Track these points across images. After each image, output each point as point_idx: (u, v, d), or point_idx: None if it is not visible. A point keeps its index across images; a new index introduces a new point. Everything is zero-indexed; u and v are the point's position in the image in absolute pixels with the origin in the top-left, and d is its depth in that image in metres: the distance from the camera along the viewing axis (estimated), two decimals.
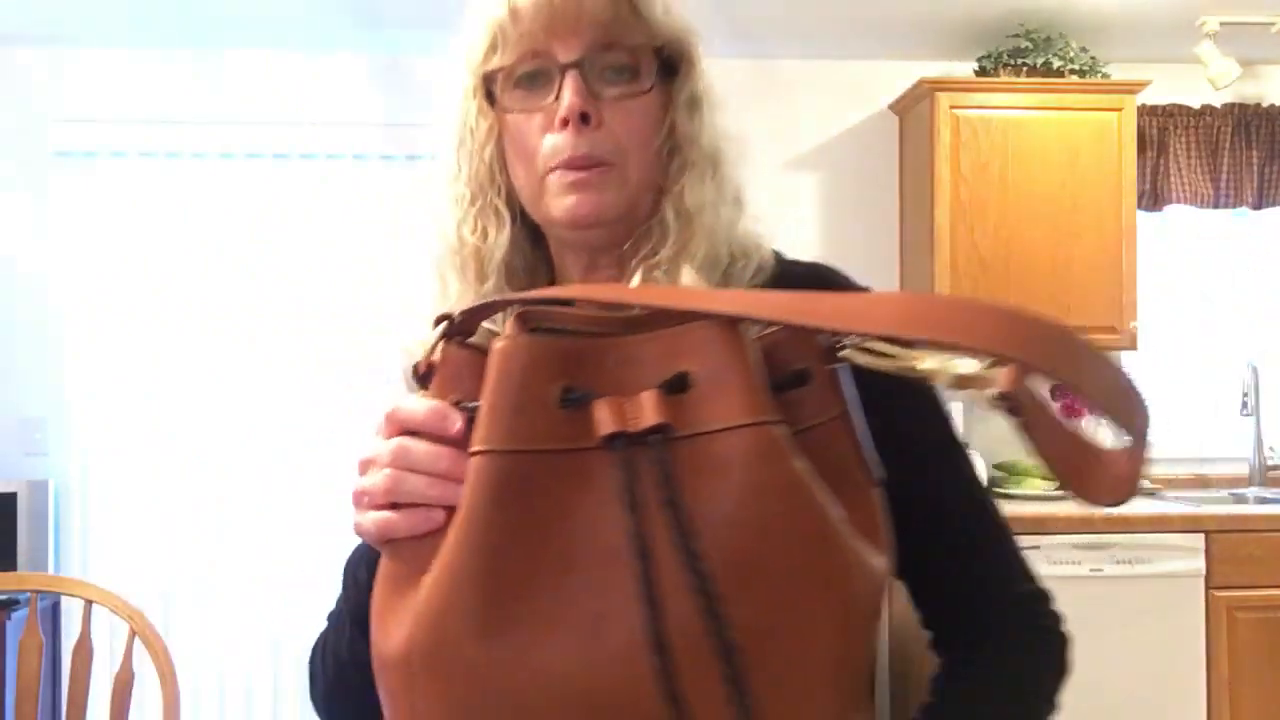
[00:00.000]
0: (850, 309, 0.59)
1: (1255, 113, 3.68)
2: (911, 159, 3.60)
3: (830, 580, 0.59)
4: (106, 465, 3.48)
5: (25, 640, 1.87)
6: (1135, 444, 0.59)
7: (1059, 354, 0.58)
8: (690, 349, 0.60)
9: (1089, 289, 3.37)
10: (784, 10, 3.29)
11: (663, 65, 0.87)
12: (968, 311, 0.56)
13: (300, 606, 3.50)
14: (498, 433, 0.59)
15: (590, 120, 0.82)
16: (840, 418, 0.65)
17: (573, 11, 0.82)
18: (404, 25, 3.39)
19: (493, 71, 0.86)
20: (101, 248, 3.50)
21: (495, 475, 0.59)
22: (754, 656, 0.56)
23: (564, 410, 0.59)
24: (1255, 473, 3.63)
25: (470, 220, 0.88)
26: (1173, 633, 3.01)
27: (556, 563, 0.58)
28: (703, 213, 0.86)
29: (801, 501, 0.59)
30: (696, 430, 0.59)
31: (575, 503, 0.59)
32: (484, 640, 0.58)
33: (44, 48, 3.50)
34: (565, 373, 0.60)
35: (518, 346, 0.60)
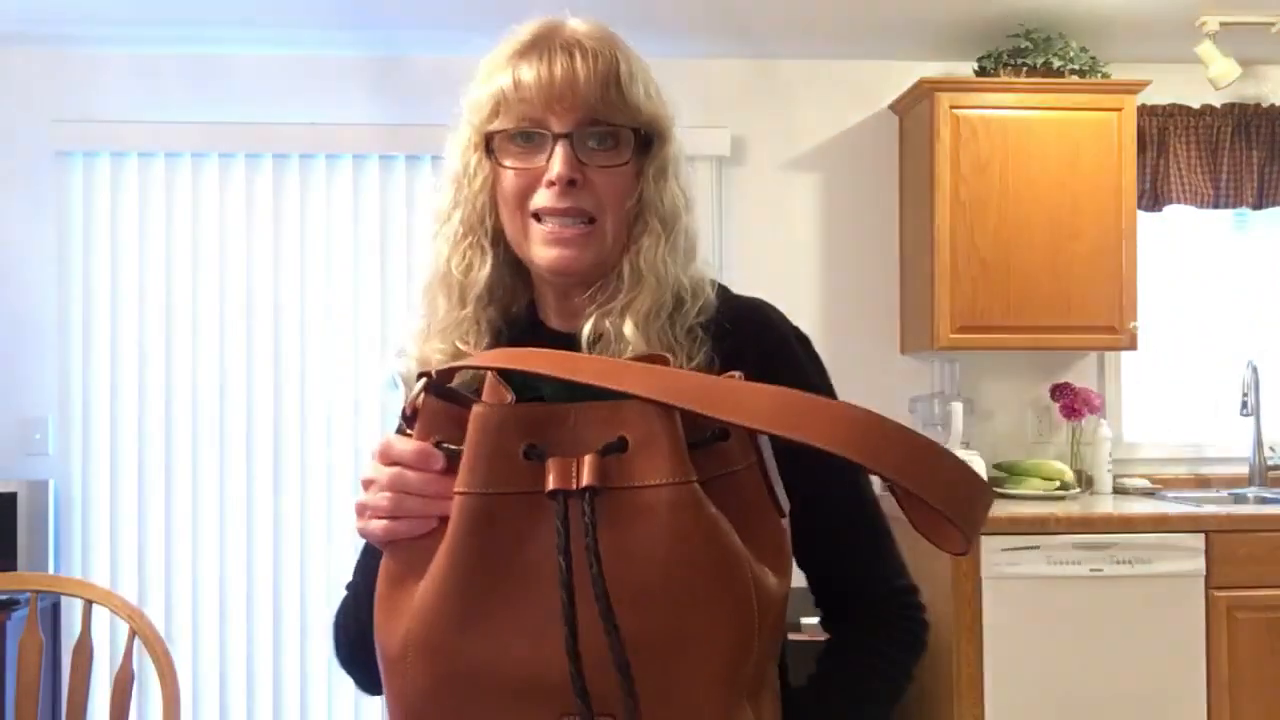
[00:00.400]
0: (736, 402, 0.75)
1: (1255, 113, 3.68)
2: (911, 159, 3.60)
3: (733, 602, 0.76)
4: (106, 465, 3.49)
5: (25, 640, 1.87)
6: (968, 529, 0.76)
7: (904, 464, 0.73)
8: (630, 418, 0.76)
9: (1089, 289, 3.37)
10: (784, 10, 3.29)
11: (639, 141, 1.03)
12: (827, 417, 0.73)
13: (300, 606, 3.51)
14: (474, 479, 0.77)
15: (576, 184, 0.99)
16: (752, 466, 0.82)
17: (568, 91, 0.98)
18: (404, 25, 3.39)
19: (494, 131, 1.02)
20: (101, 248, 3.50)
21: (471, 511, 0.77)
22: (654, 657, 0.74)
23: (526, 462, 0.76)
24: (1255, 473, 3.63)
25: (459, 254, 1.05)
26: (1173, 633, 3.01)
27: (517, 578, 0.76)
28: (654, 269, 1.03)
29: (710, 542, 0.76)
30: (631, 484, 0.75)
31: (532, 531, 0.76)
32: (460, 633, 0.77)
33: (44, 48, 3.51)
34: (530, 433, 0.77)
35: (492, 411, 0.78)
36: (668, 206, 1.05)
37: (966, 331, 3.36)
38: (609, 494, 0.75)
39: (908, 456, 0.73)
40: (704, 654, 0.76)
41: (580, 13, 1.08)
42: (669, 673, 0.75)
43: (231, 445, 3.52)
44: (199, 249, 3.53)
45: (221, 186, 3.54)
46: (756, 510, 0.82)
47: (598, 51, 1.00)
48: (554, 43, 1.00)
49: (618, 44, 1.03)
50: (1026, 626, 2.98)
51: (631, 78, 1.02)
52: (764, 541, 0.81)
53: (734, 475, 0.81)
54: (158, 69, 3.54)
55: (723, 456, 0.80)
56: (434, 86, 3.61)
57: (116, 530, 3.48)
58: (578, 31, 1.02)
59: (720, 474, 0.79)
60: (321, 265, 3.56)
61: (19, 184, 3.51)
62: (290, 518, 3.52)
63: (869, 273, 3.70)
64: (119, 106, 3.53)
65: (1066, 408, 3.55)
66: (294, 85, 3.58)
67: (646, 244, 1.03)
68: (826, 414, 0.74)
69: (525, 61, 1.00)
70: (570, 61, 0.99)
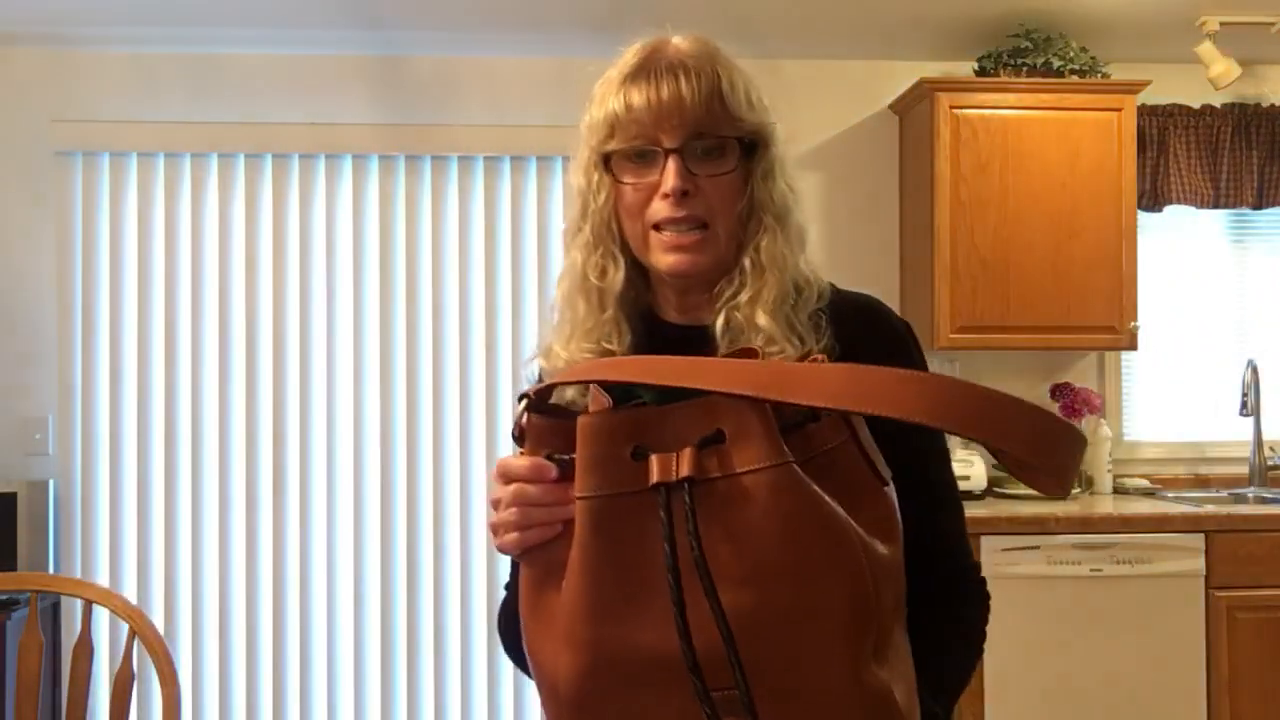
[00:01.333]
0: (808, 383, 0.79)
1: (1255, 113, 3.68)
2: (911, 159, 3.60)
3: (845, 572, 0.80)
4: (106, 465, 3.49)
5: (25, 640, 1.87)
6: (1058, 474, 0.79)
7: (976, 418, 0.76)
8: (724, 411, 0.81)
9: (1089, 289, 3.37)
10: (784, 10, 3.29)
11: (744, 148, 1.12)
12: (898, 387, 0.76)
13: (300, 606, 3.51)
14: (589, 483, 0.83)
15: (689, 194, 1.08)
16: (848, 441, 0.86)
17: (675, 110, 1.08)
18: (404, 25, 3.39)
19: (610, 151, 1.11)
20: (101, 248, 3.50)
21: (592, 513, 0.83)
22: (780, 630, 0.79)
23: (634, 463, 0.82)
24: (1255, 473, 3.63)
25: (594, 263, 1.14)
26: (1173, 633, 3.01)
27: (640, 570, 0.81)
28: (774, 262, 1.12)
29: (814, 516, 0.80)
30: (732, 472, 0.80)
31: (649, 528, 0.81)
32: (596, 625, 0.83)
33: (44, 48, 3.51)
34: (634, 435, 0.83)
35: (597, 420, 0.84)
36: (778, 203, 1.14)
37: (966, 331, 3.36)
38: (712, 484, 0.80)
39: (980, 412, 0.76)
40: (824, 623, 0.80)
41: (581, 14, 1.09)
42: (794, 643, 0.80)
43: (232, 445, 3.52)
44: (199, 249, 3.53)
45: (221, 187, 3.54)
46: (858, 484, 0.86)
47: (700, 70, 1.10)
48: (660, 65, 1.10)
49: (719, 59, 1.13)
50: (1026, 626, 2.98)
51: (733, 90, 1.11)
52: (870, 512, 0.85)
53: (830, 453, 0.85)
54: (158, 69, 3.55)
55: (816, 437, 0.85)
56: (434, 86, 3.61)
57: (116, 530, 3.48)
58: (680, 51, 1.12)
59: (816, 453, 0.84)
60: (322, 265, 3.56)
61: (19, 184, 3.51)
62: (291, 517, 3.52)
63: (869, 273, 3.70)
64: (119, 106, 3.53)
65: (1066, 408, 3.55)
66: (294, 85, 3.58)
67: (765, 240, 1.12)
68: (894, 383, 0.76)
69: (635, 86, 1.09)
70: (675, 83, 1.08)
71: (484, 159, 3.57)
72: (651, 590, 0.81)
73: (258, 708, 3.48)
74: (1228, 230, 3.85)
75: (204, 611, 3.49)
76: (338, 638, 3.51)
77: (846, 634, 0.81)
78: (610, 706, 0.84)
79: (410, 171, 3.58)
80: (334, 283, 3.56)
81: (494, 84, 3.60)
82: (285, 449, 3.53)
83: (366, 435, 3.54)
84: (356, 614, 3.51)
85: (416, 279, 3.58)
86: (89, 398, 3.48)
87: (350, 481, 3.53)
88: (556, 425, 0.89)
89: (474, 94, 3.61)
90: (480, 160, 3.57)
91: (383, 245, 3.57)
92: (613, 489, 0.82)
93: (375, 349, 3.56)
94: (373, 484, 3.54)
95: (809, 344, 1.11)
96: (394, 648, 3.50)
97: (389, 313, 3.57)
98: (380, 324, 3.56)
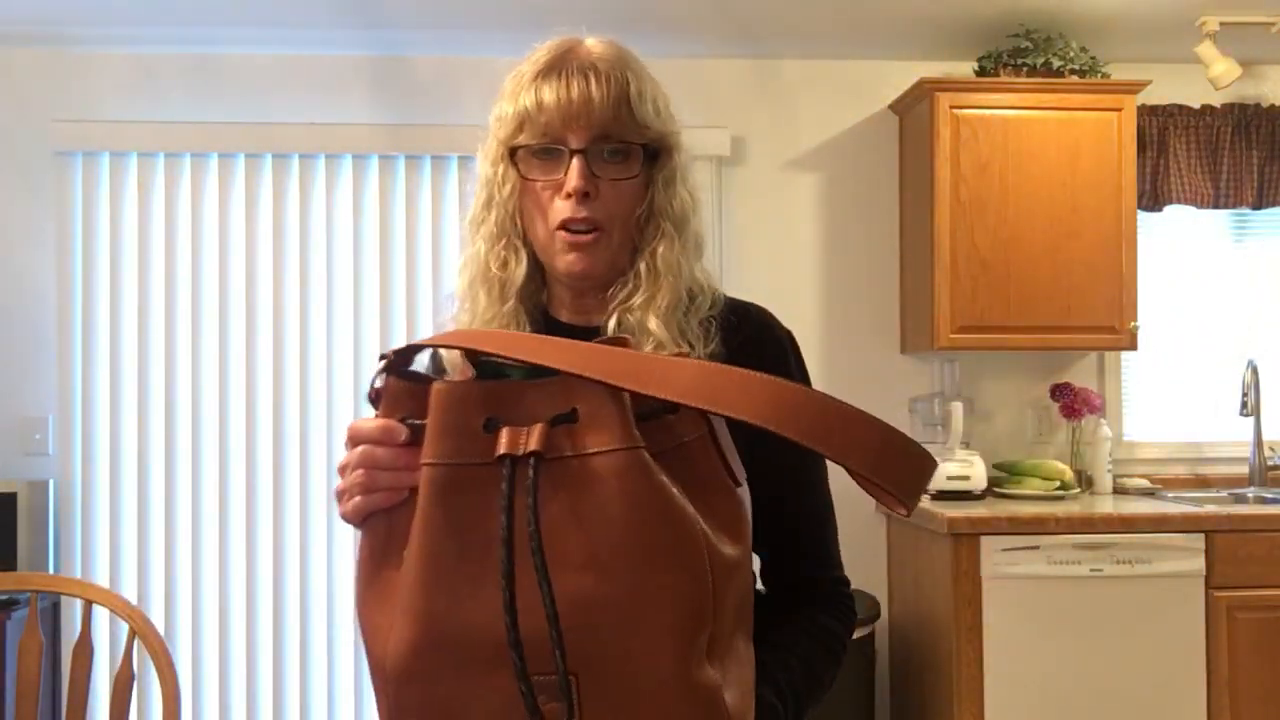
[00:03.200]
0: (660, 377, 0.79)
1: (1255, 113, 3.68)
2: (911, 159, 3.60)
3: (686, 564, 0.80)
4: (106, 465, 3.49)
5: (25, 640, 1.87)
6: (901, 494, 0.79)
7: (819, 430, 0.76)
8: (582, 392, 0.80)
9: (1089, 289, 3.37)
10: (784, 10, 3.29)
11: (648, 155, 1.13)
12: (746, 389, 0.77)
13: (300, 605, 3.50)
14: (437, 450, 0.81)
15: (590, 195, 1.10)
16: (703, 437, 0.86)
17: (583, 111, 1.09)
18: (404, 25, 3.39)
19: (517, 146, 1.13)
20: (101, 248, 3.50)
21: (437, 481, 0.81)
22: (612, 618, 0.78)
23: (486, 434, 0.81)
24: (1255, 473, 3.63)
25: (497, 254, 1.16)
26: (1173, 633, 3.01)
27: (481, 545, 0.79)
28: (669, 268, 1.13)
29: (659, 505, 0.80)
30: (582, 451, 0.80)
31: (493, 500, 0.79)
32: (430, 597, 0.80)
33: (44, 48, 3.51)
34: (488, 407, 0.81)
35: (453, 387, 0.82)
36: (677, 211, 1.16)
37: (966, 331, 3.36)
38: (561, 462, 0.79)
39: (825, 424, 0.76)
40: (660, 614, 0.79)
41: (581, 13, 1.10)
42: (625, 633, 0.79)
43: (232, 445, 3.52)
44: (199, 249, 3.53)
45: (221, 186, 3.54)
46: (710, 481, 0.86)
47: (610, 74, 1.10)
48: (572, 65, 1.11)
49: (629, 64, 1.13)
50: (1026, 626, 2.98)
51: (641, 97, 1.12)
52: (719, 511, 0.85)
53: (685, 446, 0.85)
54: (157, 69, 3.55)
55: (672, 429, 0.84)
56: (434, 86, 3.61)
57: (116, 530, 3.48)
58: (593, 53, 1.12)
59: (671, 446, 0.84)
60: (322, 265, 3.56)
61: (19, 184, 3.51)
62: (290, 517, 3.52)
63: (869, 273, 3.70)
64: (118, 106, 3.53)
65: (1066, 408, 3.55)
66: (294, 85, 3.58)
67: (661, 246, 1.14)
68: (743, 385, 0.77)
69: (546, 83, 1.10)
70: (586, 84, 1.09)
71: None
72: (490, 568, 0.79)
73: (257, 708, 3.48)
74: (1228, 230, 3.85)
75: (204, 611, 3.48)
76: (337, 637, 3.51)
77: (680, 628, 0.80)
78: (438, 687, 0.82)
79: (410, 171, 3.58)
80: (333, 282, 3.56)
81: (494, 84, 3.56)
82: (284, 449, 3.53)
83: None
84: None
85: (416, 279, 3.58)
86: (89, 398, 3.48)
87: None
88: (414, 389, 0.86)
89: (474, 94, 3.58)
90: None
91: (382, 245, 3.57)
92: (460, 458, 0.81)
93: (375, 349, 3.56)
94: None
95: (697, 350, 1.12)
96: None
97: (388, 313, 3.56)
98: (380, 324, 3.56)
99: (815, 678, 1.11)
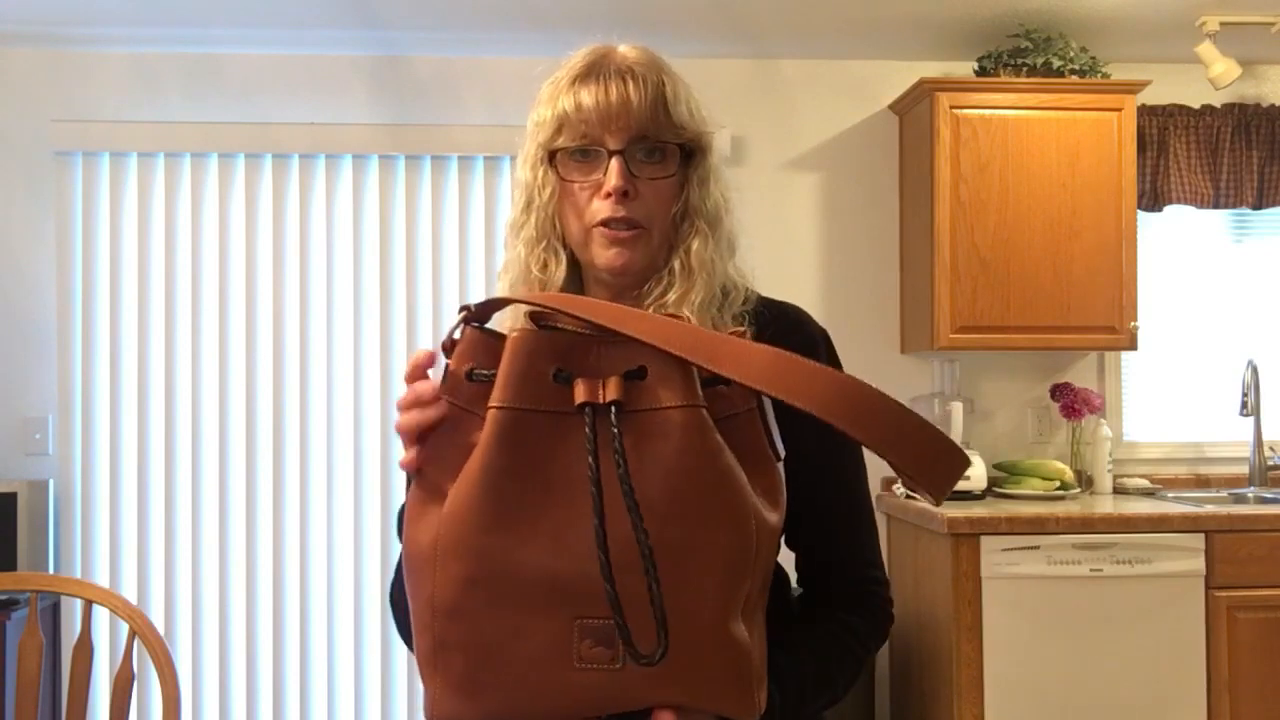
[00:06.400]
0: (734, 357, 0.84)
1: (1255, 113, 3.68)
2: (911, 159, 3.60)
3: (731, 519, 0.85)
4: (106, 465, 3.49)
5: (25, 640, 1.87)
6: (934, 490, 0.84)
7: (870, 424, 0.81)
8: (648, 354, 0.85)
9: (1089, 289, 3.37)
10: (784, 10, 3.29)
11: (684, 154, 1.17)
12: (811, 379, 0.82)
13: (301, 605, 3.51)
14: (507, 394, 0.84)
15: (629, 195, 1.12)
16: (752, 411, 0.90)
17: (621, 113, 1.12)
18: (404, 25, 3.39)
19: (557, 149, 1.15)
20: (101, 248, 3.50)
21: (502, 423, 0.84)
22: (665, 563, 0.80)
23: (555, 384, 0.85)
24: (1255, 473, 3.63)
25: (537, 257, 1.18)
26: (1173, 633, 3.01)
27: (540, 487, 0.84)
28: (703, 265, 1.16)
29: (716, 461, 0.84)
30: (649, 406, 0.84)
31: (556, 449, 0.84)
32: (487, 534, 0.84)
33: (44, 48, 3.51)
34: (559, 358, 0.86)
35: (527, 336, 0.86)
36: (712, 209, 1.19)
37: (966, 331, 3.36)
38: (629, 415, 0.83)
39: (876, 419, 0.81)
40: (709, 566, 0.83)
41: (581, 13, 1.10)
42: (677, 580, 0.82)
43: (232, 445, 3.52)
44: (199, 249, 3.53)
45: (221, 186, 3.54)
46: (755, 452, 0.90)
47: (646, 77, 1.14)
48: (608, 69, 1.14)
49: (664, 67, 1.17)
50: (1026, 626, 2.98)
51: (676, 99, 1.15)
52: (761, 480, 0.89)
53: (735, 418, 0.89)
54: (157, 69, 3.55)
55: (725, 400, 0.88)
56: (434, 86, 3.61)
57: (116, 530, 3.48)
58: (628, 58, 1.15)
59: (723, 416, 0.88)
60: (322, 265, 3.56)
61: (19, 184, 3.51)
62: (291, 516, 3.52)
63: (869, 273, 3.70)
64: (118, 106, 3.53)
65: (1066, 408, 3.55)
66: (294, 85, 3.58)
67: (696, 244, 1.17)
68: (812, 376, 0.82)
69: (585, 87, 1.13)
70: (624, 87, 1.12)
71: (484, 159, 3.57)
72: (548, 510, 0.83)
73: (257, 708, 3.48)
74: (1228, 230, 3.85)
75: (204, 611, 3.48)
76: (337, 637, 3.51)
77: (724, 582, 0.84)
78: (484, 623, 0.84)
79: (410, 171, 3.58)
80: (333, 282, 3.56)
81: (494, 84, 3.60)
82: (285, 449, 3.53)
83: (366, 435, 3.54)
84: (356, 613, 3.51)
85: (416, 279, 3.57)
86: (89, 398, 3.48)
87: (350, 481, 3.53)
88: (488, 343, 0.89)
89: (474, 94, 3.61)
90: (480, 160, 3.57)
91: (382, 245, 3.57)
92: (529, 404, 0.84)
93: (375, 349, 3.56)
94: (372, 483, 3.54)
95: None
96: (393, 647, 3.50)
97: (388, 313, 3.56)
98: (380, 324, 3.56)
99: (826, 673, 1.10)
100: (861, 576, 1.19)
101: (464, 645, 0.85)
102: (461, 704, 0.86)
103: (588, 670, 0.83)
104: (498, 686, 0.85)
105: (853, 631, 1.15)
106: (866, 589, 1.19)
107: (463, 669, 0.85)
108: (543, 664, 0.84)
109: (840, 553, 1.19)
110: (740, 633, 0.86)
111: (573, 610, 0.83)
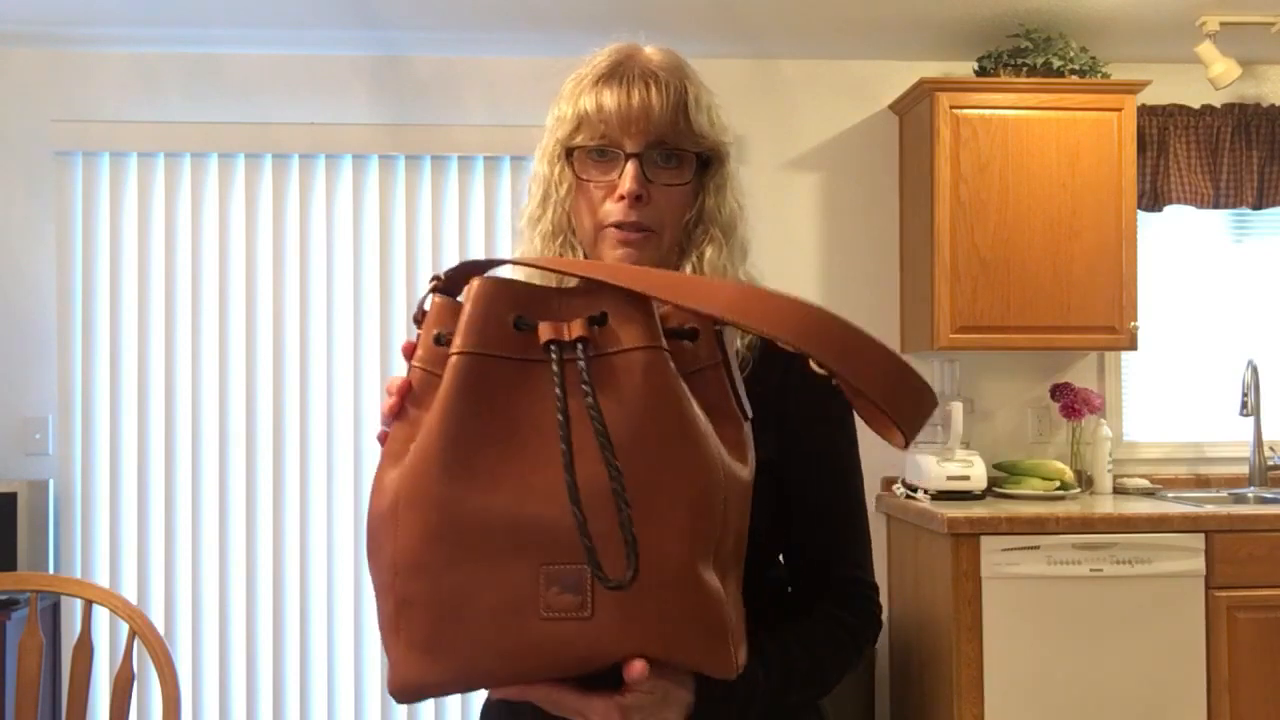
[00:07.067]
0: (699, 291, 0.86)
1: (1255, 113, 3.68)
2: (911, 159, 3.60)
3: (695, 459, 0.84)
4: (106, 465, 3.49)
5: (25, 640, 1.87)
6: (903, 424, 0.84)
7: (841, 351, 0.83)
8: (609, 301, 0.86)
9: (1089, 289, 3.37)
10: (784, 10, 3.29)
11: (700, 162, 1.17)
12: (777, 307, 0.84)
13: (301, 605, 3.51)
14: (467, 340, 0.85)
15: (642, 199, 1.12)
16: (718, 365, 0.90)
17: (641, 117, 1.12)
18: (404, 25, 3.39)
19: (574, 146, 1.15)
20: (101, 248, 3.50)
21: (462, 369, 0.84)
22: (636, 502, 0.79)
23: (516, 331, 0.85)
24: (1255, 473, 3.63)
25: (553, 251, 1.19)
26: (1173, 633, 3.01)
27: (501, 434, 0.83)
28: (715, 271, 1.17)
29: (680, 402, 0.85)
30: (610, 349, 0.85)
31: (518, 395, 0.84)
32: (449, 482, 0.82)
33: (44, 48, 3.51)
34: (520, 306, 0.86)
35: (486, 284, 0.87)
36: (726, 217, 1.20)
37: (966, 331, 3.36)
38: (592, 359, 0.83)
39: (847, 347, 0.83)
40: (675, 506, 0.83)
41: (581, 13, 1.09)
42: (641, 513, 0.81)
43: (232, 445, 3.52)
44: (199, 249, 3.53)
45: (221, 186, 3.54)
46: (721, 407, 0.90)
47: (669, 82, 1.13)
48: (633, 71, 1.14)
49: (687, 73, 1.17)
50: (1026, 626, 2.98)
51: (697, 106, 1.15)
52: (728, 434, 0.89)
53: (701, 373, 0.89)
54: (157, 69, 3.55)
55: (690, 354, 0.89)
56: (434, 86, 3.61)
57: (116, 530, 3.48)
58: (653, 60, 1.15)
59: (688, 371, 0.88)
60: (322, 265, 3.56)
61: (19, 184, 3.51)
62: (291, 517, 3.52)
63: (869, 273, 3.70)
64: (118, 106, 3.53)
65: (1066, 408, 3.55)
66: (294, 85, 3.58)
67: (710, 251, 1.18)
68: (778, 304, 0.84)
69: (608, 87, 1.13)
70: (646, 91, 1.12)
71: (484, 159, 3.56)
72: (512, 456, 0.82)
73: (257, 708, 3.48)
74: (1228, 230, 3.85)
75: (204, 611, 3.48)
76: (336, 637, 3.51)
77: (692, 526, 0.83)
78: (447, 576, 0.82)
79: (410, 171, 3.58)
80: (333, 283, 3.56)
81: (494, 84, 3.60)
82: (285, 449, 3.53)
83: (366, 435, 3.54)
84: (356, 613, 3.51)
85: (416, 279, 3.57)
86: (89, 398, 3.48)
87: (350, 481, 3.53)
88: (456, 307, 0.89)
89: (474, 94, 3.61)
90: (480, 160, 3.57)
91: (382, 245, 3.57)
92: (489, 350, 0.84)
93: (375, 349, 3.56)
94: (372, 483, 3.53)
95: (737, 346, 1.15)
96: None
97: (388, 312, 3.57)
98: (380, 324, 3.56)
99: (814, 662, 1.09)
100: (853, 578, 1.18)
101: (426, 601, 0.82)
102: (424, 664, 0.83)
103: (556, 620, 0.81)
104: (462, 642, 0.82)
105: (843, 625, 1.14)
106: (857, 590, 1.18)
107: (425, 627, 0.82)
108: (508, 616, 0.81)
109: (832, 553, 1.18)
110: (711, 580, 0.84)
111: (539, 556, 0.81)
